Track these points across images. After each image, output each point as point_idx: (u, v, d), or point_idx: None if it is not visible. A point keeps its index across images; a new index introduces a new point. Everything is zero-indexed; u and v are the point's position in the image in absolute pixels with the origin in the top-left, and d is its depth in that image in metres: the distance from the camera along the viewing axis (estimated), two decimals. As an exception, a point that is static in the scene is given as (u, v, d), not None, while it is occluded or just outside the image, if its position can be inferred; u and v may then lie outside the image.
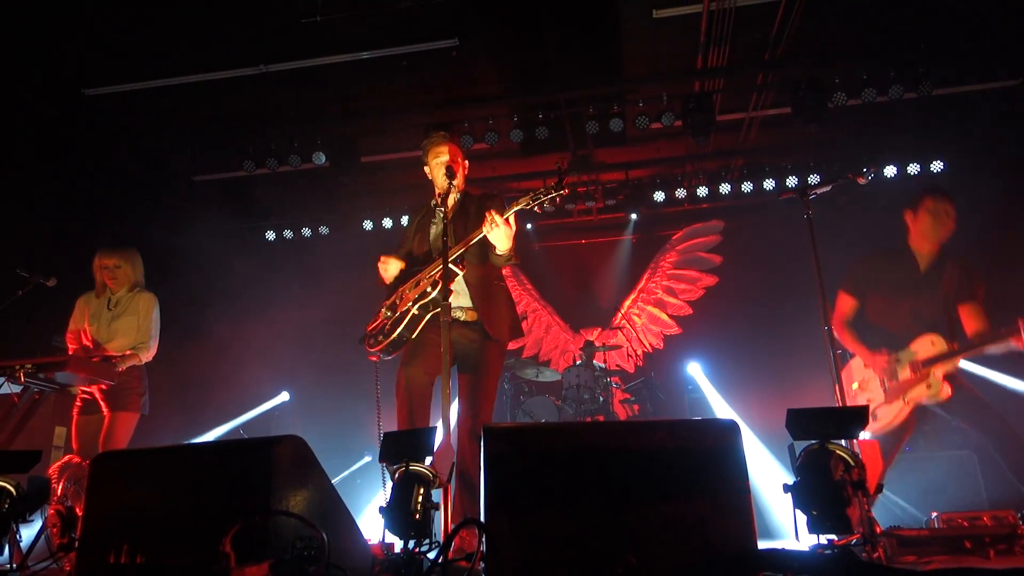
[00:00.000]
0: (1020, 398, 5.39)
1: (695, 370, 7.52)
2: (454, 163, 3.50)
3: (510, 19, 5.27)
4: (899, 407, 3.71)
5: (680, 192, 7.17)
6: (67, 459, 4.06)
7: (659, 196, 7.15)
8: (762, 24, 5.25)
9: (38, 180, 6.05)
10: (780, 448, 6.29)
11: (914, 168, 6.60)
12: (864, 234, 6.47)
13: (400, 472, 2.22)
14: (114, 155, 6.51)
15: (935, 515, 3.05)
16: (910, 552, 2.70)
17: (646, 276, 8.27)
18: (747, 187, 6.98)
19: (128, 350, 4.38)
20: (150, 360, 4.50)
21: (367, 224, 7.56)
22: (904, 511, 4.49)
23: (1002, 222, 6.29)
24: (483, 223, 3.14)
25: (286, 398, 7.84)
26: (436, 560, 1.86)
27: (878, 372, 3.85)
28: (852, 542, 2.16)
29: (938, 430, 4.98)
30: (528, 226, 8.06)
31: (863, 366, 3.98)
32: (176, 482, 2.11)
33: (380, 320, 3.42)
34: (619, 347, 7.76)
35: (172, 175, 6.98)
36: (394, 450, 2.29)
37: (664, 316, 8.13)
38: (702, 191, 7.10)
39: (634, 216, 7.98)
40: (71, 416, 4.39)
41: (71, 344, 4.48)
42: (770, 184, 6.90)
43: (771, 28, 5.26)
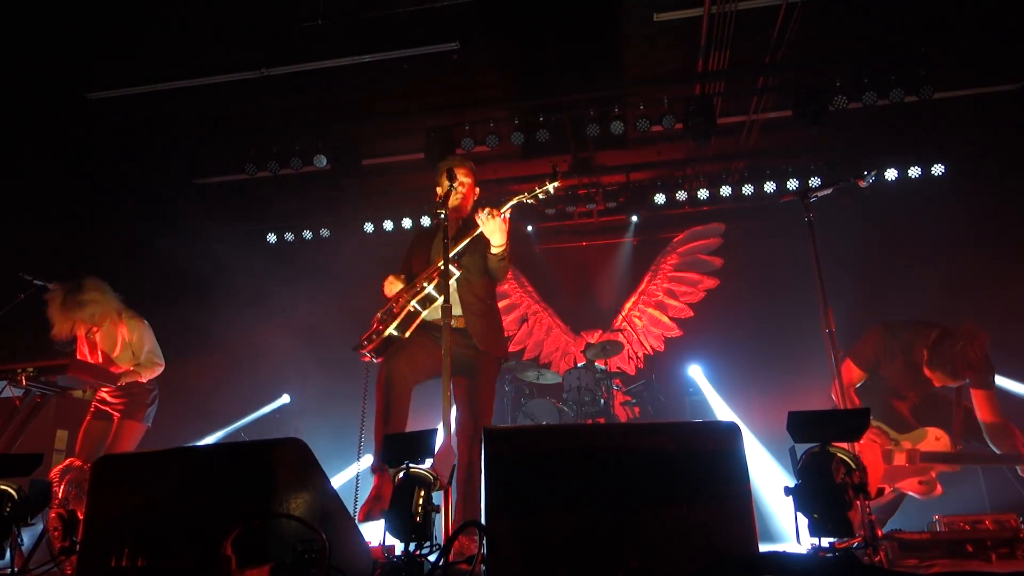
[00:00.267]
0: (1020, 398, 5.40)
1: (696, 372, 7.51)
2: (468, 183, 3.66)
3: (511, 22, 5.28)
4: (886, 490, 3.63)
5: (681, 195, 7.17)
6: (68, 462, 4.09)
7: (660, 199, 7.15)
8: (763, 27, 5.25)
9: (41, 183, 6.06)
10: (781, 451, 6.29)
11: (915, 171, 6.60)
12: (865, 237, 6.52)
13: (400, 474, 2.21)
14: (116, 158, 6.52)
15: (937, 518, 3.04)
16: (912, 556, 2.70)
17: (647, 278, 8.26)
18: (748, 190, 6.98)
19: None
20: (154, 377, 4.59)
21: (368, 227, 7.58)
22: (905, 514, 4.48)
23: (1002, 225, 6.29)
24: (478, 213, 3.27)
25: (287, 401, 7.84)
26: (437, 563, 1.86)
27: (876, 448, 3.73)
28: (853, 545, 2.15)
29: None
30: (529, 228, 8.07)
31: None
32: (177, 485, 2.11)
33: (374, 325, 3.48)
34: (620, 349, 7.76)
35: (174, 178, 6.98)
36: (395, 452, 2.29)
37: (665, 318, 8.12)
38: (703, 194, 7.09)
39: (635, 218, 7.98)
40: (82, 421, 4.50)
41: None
42: (771, 187, 6.89)
43: (772, 31, 5.27)
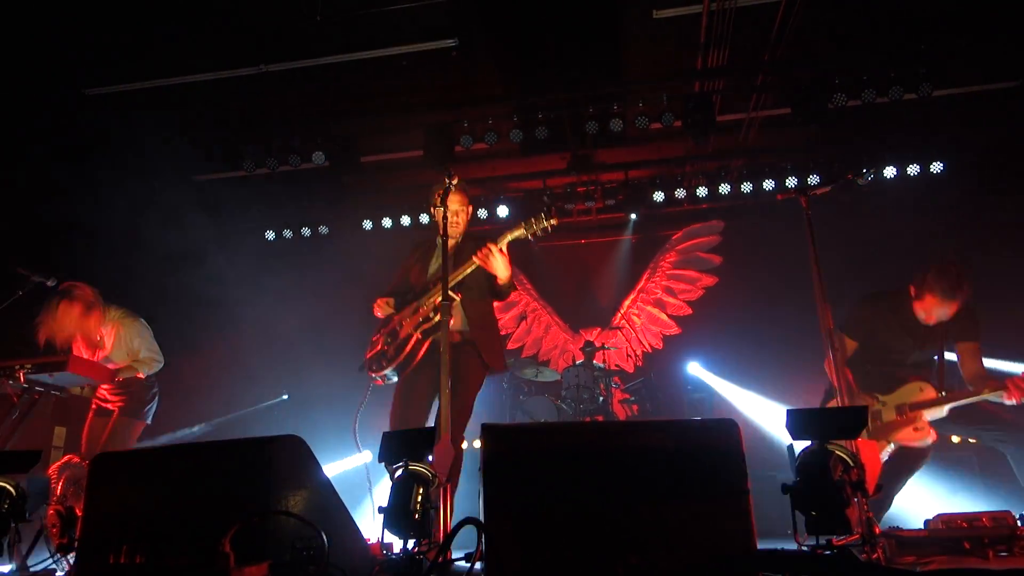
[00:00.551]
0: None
1: (695, 370, 7.51)
2: (462, 211, 3.83)
3: (510, 19, 5.27)
4: (883, 446, 3.73)
5: (680, 192, 7.15)
6: (67, 459, 4.09)
7: (659, 196, 7.14)
8: (762, 25, 5.24)
9: (38, 179, 6.04)
10: (779, 448, 6.29)
11: (914, 169, 6.59)
12: (864, 235, 6.52)
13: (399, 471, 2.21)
14: (113, 154, 6.50)
15: (934, 516, 3.05)
16: (909, 553, 2.71)
17: (645, 276, 8.26)
18: (747, 187, 6.96)
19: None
20: (152, 373, 4.59)
21: (367, 224, 7.56)
22: (903, 512, 4.49)
23: (1001, 223, 6.29)
24: (477, 255, 3.50)
25: (285, 398, 7.83)
26: (435, 560, 1.86)
27: (874, 446, 3.80)
28: (851, 543, 2.16)
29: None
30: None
31: None
32: (175, 482, 2.11)
33: (380, 346, 3.70)
34: (618, 348, 7.78)
35: (172, 174, 6.96)
36: (394, 450, 2.29)
37: (663, 316, 8.13)
38: (702, 191, 7.08)
39: (634, 216, 7.97)
40: (85, 418, 4.53)
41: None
42: (770, 184, 6.88)
43: (771, 29, 5.26)
